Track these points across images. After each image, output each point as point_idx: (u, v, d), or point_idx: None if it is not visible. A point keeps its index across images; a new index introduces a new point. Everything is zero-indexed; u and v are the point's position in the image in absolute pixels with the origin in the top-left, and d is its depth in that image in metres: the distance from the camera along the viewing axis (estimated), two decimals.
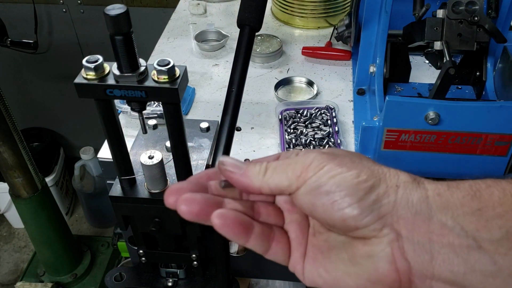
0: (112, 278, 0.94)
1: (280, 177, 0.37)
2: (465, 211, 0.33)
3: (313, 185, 0.36)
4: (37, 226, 1.61)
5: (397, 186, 0.35)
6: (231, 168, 0.40)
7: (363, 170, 0.36)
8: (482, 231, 0.32)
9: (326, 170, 0.36)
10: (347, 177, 0.35)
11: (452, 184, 0.35)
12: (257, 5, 0.65)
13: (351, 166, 0.36)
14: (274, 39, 1.19)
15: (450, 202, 0.34)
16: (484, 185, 0.34)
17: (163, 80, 0.61)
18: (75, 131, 2.39)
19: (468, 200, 0.34)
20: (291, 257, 0.40)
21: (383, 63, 0.92)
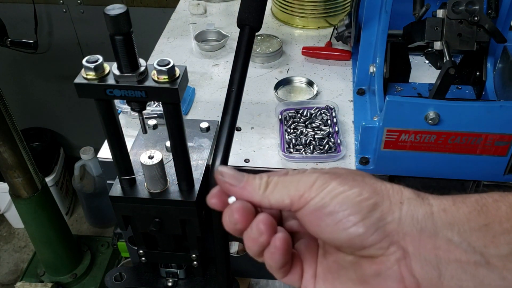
0: (112, 278, 0.94)
1: (281, 194, 0.37)
2: (471, 227, 0.33)
3: (316, 206, 0.36)
4: (37, 226, 1.61)
5: (401, 202, 0.35)
6: (230, 180, 0.39)
7: (365, 187, 0.35)
8: (489, 246, 0.32)
9: (329, 189, 0.35)
10: (350, 195, 0.35)
11: (457, 199, 0.35)
12: (257, 5, 0.65)
13: (353, 184, 0.36)
14: (274, 39, 1.19)
15: (456, 218, 0.34)
16: (491, 200, 0.34)
17: (163, 80, 0.61)
18: (75, 131, 2.39)
19: (474, 216, 0.33)
20: (303, 279, 0.40)
21: (383, 63, 0.92)
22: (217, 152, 0.58)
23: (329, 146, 0.88)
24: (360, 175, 0.37)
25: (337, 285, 0.38)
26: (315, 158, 0.86)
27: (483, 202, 0.34)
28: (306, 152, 0.87)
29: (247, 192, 0.38)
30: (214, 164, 0.58)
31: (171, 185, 0.77)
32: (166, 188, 0.77)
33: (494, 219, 0.33)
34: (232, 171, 0.40)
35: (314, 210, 0.36)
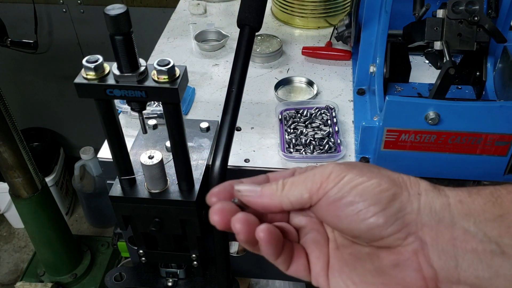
0: (112, 278, 0.94)
1: (300, 189, 0.37)
2: (487, 218, 0.34)
3: (335, 196, 0.36)
4: (37, 226, 1.61)
5: (419, 194, 0.35)
6: (247, 192, 0.39)
7: (384, 178, 0.36)
8: (504, 236, 0.33)
9: (347, 180, 0.36)
10: (369, 186, 0.35)
11: (473, 190, 0.35)
12: (257, 5, 0.65)
13: (371, 175, 0.36)
14: (274, 39, 1.19)
15: (472, 209, 0.34)
16: (505, 192, 0.34)
17: (163, 80, 0.61)
18: (75, 131, 2.39)
19: (489, 207, 0.34)
20: (311, 271, 0.40)
21: (383, 63, 0.92)
22: (217, 152, 0.58)
23: (329, 146, 0.88)
24: (376, 167, 0.37)
25: (354, 277, 0.38)
26: (315, 158, 0.86)
27: (497, 193, 0.34)
28: (306, 152, 0.87)
29: (265, 198, 0.38)
30: (214, 164, 0.58)
31: (171, 185, 0.77)
32: (166, 188, 0.77)
33: (509, 210, 0.33)
34: (247, 186, 0.40)
35: (333, 200, 0.36)
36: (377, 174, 0.36)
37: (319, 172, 0.37)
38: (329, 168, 0.37)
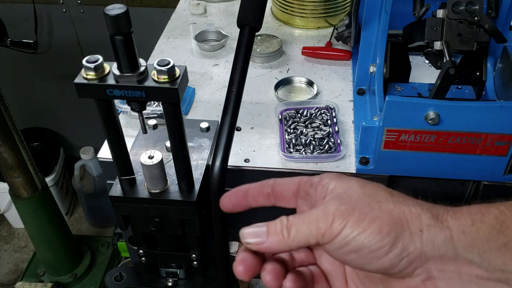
0: (112, 278, 0.94)
1: (305, 235, 0.38)
2: (491, 247, 0.34)
3: (340, 244, 0.37)
4: (37, 226, 1.61)
5: (421, 230, 0.36)
6: (252, 239, 0.40)
7: (384, 219, 0.36)
8: (509, 265, 0.33)
9: (349, 230, 0.36)
10: (371, 234, 0.36)
11: (476, 217, 0.35)
12: (257, 5, 0.65)
13: (371, 218, 0.36)
14: (274, 39, 1.19)
15: (475, 240, 0.34)
16: (511, 215, 0.34)
17: (163, 80, 0.61)
18: (75, 131, 2.39)
19: (494, 235, 0.34)
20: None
21: (383, 63, 0.92)
22: (217, 152, 0.58)
23: (329, 146, 0.88)
24: (376, 201, 0.37)
25: None
26: (315, 158, 0.86)
27: (502, 219, 0.34)
28: (306, 152, 0.87)
29: (274, 245, 0.39)
30: (214, 164, 0.58)
31: (171, 185, 0.77)
32: (166, 188, 0.77)
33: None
34: (251, 228, 0.40)
35: (339, 247, 0.37)
36: (378, 214, 0.36)
37: (321, 218, 0.37)
38: (331, 214, 0.37)
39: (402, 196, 0.38)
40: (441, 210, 0.37)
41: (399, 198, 0.38)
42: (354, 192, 0.39)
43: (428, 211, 0.37)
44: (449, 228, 0.35)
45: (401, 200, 0.37)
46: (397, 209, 0.37)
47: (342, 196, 0.38)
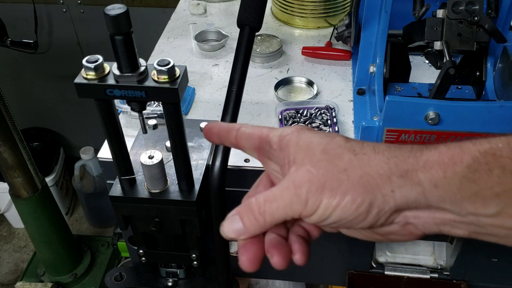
0: (112, 278, 0.94)
1: (282, 217, 0.39)
2: (463, 196, 0.35)
3: (318, 220, 0.38)
4: (37, 226, 1.61)
5: (393, 191, 0.37)
6: (234, 235, 0.41)
7: (356, 191, 0.37)
8: (480, 209, 0.35)
9: (323, 208, 0.37)
10: (345, 206, 0.37)
11: (448, 168, 0.35)
12: (257, 5, 0.65)
13: (343, 192, 0.37)
14: (274, 39, 1.19)
15: (447, 192, 0.35)
16: (484, 163, 0.35)
17: (163, 80, 0.61)
18: (75, 131, 2.39)
19: (466, 186, 0.35)
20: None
21: (383, 63, 0.92)
22: (217, 152, 0.58)
23: None
24: (343, 170, 0.38)
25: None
26: None
27: (475, 167, 0.35)
28: None
29: (254, 231, 0.41)
30: (214, 164, 0.58)
31: (171, 185, 0.77)
32: (166, 188, 0.77)
33: (485, 185, 0.34)
34: (228, 225, 0.42)
35: (317, 221, 0.39)
36: (348, 186, 0.37)
37: (295, 200, 0.38)
38: (303, 194, 0.38)
39: (365, 152, 0.38)
40: (410, 164, 0.37)
41: (363, 157, 0.38)
42: (318, 161, 0.39)
43: (397, 169, 0.37)
44: (420, 184, 0.36)
45: (366, 160, 0.38)
46: (365, 176, 0.37)
47: (309, 170, 0.38)
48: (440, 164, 0.36)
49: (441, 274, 1.02)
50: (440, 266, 1.05)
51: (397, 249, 1.08)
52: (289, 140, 0.41)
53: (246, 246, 0.41)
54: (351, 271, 1.04)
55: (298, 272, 1.07)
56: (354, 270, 1.04)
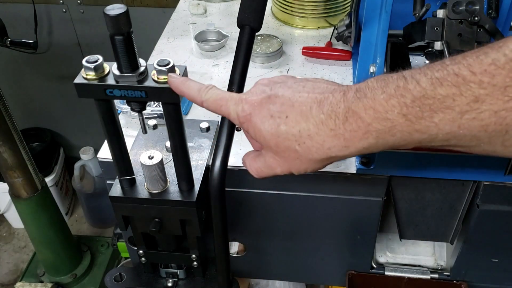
0: (112, 278, 0.94)
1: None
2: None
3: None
4: (37, 226, 1.61)
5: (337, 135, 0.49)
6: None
7: (311, 158, 0.50)
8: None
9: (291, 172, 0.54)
10: (306, 169, 0.53)
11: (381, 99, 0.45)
12: (257, 5, 0.64)
13: (303, 161, 0.51)
14: (274, 39, 1.19)
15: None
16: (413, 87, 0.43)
17: (163, 80, 0.61)
18: (75, 131, 2.39)
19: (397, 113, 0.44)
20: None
21: (383, 63, 0.92)
22: (217, 152, 0.58)
23: None
24: (296, 158, 0.52)
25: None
26: None
27: (400, 92, 0.43)
28: None
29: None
30: (214, 164, 0.57)
31: (171, 185, 0.77)
32: (166, 188, 0.77)
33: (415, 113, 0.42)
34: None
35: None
36: (305, 157, 0.51)
37: (269, 172, 0.56)
38: (279, 171, 0.54)
39: (304, 141, 0.49)
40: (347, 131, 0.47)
41: (303, 146, 0.49)
42: (277, 153, 0.52)
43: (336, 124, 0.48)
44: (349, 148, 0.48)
45: (307, 147, 0.49)
46: (314, 145, 0.49)
47: (274, 157, 0.53)
48: (380, 101, 0.45)
49: (441, 275, 1.02)
50: (440, 267, 1.05)
51: (398, 250, 1.08)
52: (247, 128, 0.54)
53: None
54: (351, 272, 1.04)
55: (298, 272, 1.07)
56: (354, 271, 1.04)
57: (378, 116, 0.44)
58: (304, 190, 0.89)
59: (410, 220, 0.94)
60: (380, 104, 0.44)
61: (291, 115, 0.50)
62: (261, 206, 0.93)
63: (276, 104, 0.51)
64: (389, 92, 0.43)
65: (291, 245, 1.01)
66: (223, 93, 0.56)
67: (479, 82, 0.38)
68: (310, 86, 0.51)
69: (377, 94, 0.44)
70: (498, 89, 0.38)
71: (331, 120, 0.47)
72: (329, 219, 0.95)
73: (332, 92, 0.49)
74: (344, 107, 0.47)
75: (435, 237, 0.97)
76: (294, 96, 0.50)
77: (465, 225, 0.93)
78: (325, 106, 0.48)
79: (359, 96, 0.46)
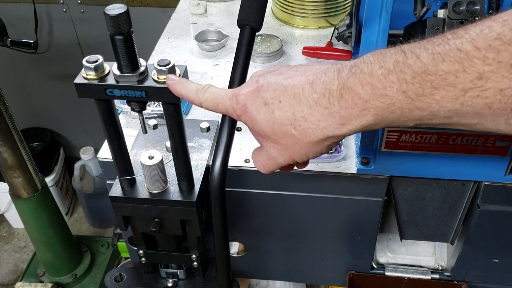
0: (112, 279, 0.93)
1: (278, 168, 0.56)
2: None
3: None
4: (37, 226, 1.61)
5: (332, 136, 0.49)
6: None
7: (310, 142, 0.50)
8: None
9: (299, 161, 0.53)
10: (306, 155, 0.53)
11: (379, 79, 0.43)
12: (257, 5, 0.64)
13: (301, 146, 0.50)
14: (274, 39, 1.18)
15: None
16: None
17: (163, 80, 0.61)
18: (75, 131, 2.39)
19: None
20: None
21: None
22: (217, 152, 0.57)
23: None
24: (295, 143, 0.50)
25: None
26: (315, 159, 0.86)
27: (400, 67, 0.42)
28: None
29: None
30: (215, 164, 0.57)
31: (171, 185, 0.77)
32: (166, 188, 0.77)
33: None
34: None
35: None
36: (303, 142, 0.50)
37: (274, 163, 0.55)
38: (282, 161, 0.54)
39: (299, 124, 0.49)
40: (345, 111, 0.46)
41: (299, 128, 0.49)
42: (275, 141, 0.52)
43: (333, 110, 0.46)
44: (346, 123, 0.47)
45: (303, 130, 0.49)
46: (310, 126, 0.48)
47: (274, 147, 0.52)
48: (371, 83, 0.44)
49: (442, 275, 1.02)
50: (441, 267, 1.05)
51: (398, 250, 1.08)
52: (245, 120, 0.53)
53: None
54: (351, 272, 1.04)
55: (298, 272, 1.07)
56: (354, 271, 1.04)
57: (376, 92, 0.42)
58: (304, 190, 0.89)
59: (411, 220, 0.94)
60: (378, 80, 0.42)
61: (284, 100, 0.49)
62: (261, 206, 0.93)
63: (269, 91, 0.50)
64: (388, 67, 0.42)
65: (291, 245, 1.01)
66: (219, 91, 0.56)
67: (483, 58, 0.36)
68: (302, 70, 0.50)
69: (374, 69, 0.42)
70: (504, 66, 0.36)
71: (325, 98, 0.46)
72: (329, 219, 0.94)
73: (325, 72, 0.48)
74: (338, 84, 0.45)
75: (436, 237, 0.97)
76: (286, 81, 0.49)
77: (465, 225, 0.93)
78: (318, 85, 0.47)
79: (354, 72, 0.44)
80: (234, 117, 0.55)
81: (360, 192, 0.88)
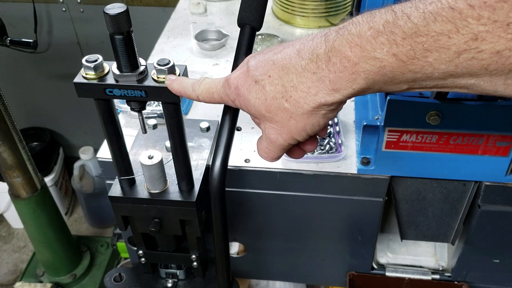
0: (112, 279, 0.93)
1: (284, 150, 0.55)
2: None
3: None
4: (37, 226, 1.61)
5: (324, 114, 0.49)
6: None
7: (302, 120, 0.49)
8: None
9: (301, 139, 0.52)
10: (300, 136, 0.51)
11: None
12: (257, 4, 0.64)
13: (295, 125, 0.50)
14: (274, 38, 1.18)
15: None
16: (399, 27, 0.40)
17: (163, 80, 0.60)
18: (74, 131, 2.38)
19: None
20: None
21: None
22: (217, 152, 0.57)
23: (330, 146, 0.87)
24: (290, 118, 0.49)
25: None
26: (315, 159, 0.86)
27: (390, 29, 0.40)
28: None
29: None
30: (214, 164, 0.57)
31: (170, 185, 0.77)
32: (165, 188, 0.76)
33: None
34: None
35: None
36: (296, 122, 0.49)
37: (275, 148, 0.53)
38: (282, 140, 0.51)
39: (291, 95, 0.47)
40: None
41: (290, 100, 0.47)
42: (271, 118, 0.50)
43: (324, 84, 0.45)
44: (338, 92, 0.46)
45: (295, 102, 0.47)
46: (301, 95, 0.47)
47: (272, 126, 0.51)
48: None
49: (442, 275, 1.02)
50: (441, 267, 1.04)
51: (399, 250, 1.08)
52: (239, 104, 0.52)
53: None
54: (352, 272, 1.03)
55: (299, 273, 1.07)
56: (355, 271, 1.04)
57: (365, 54, 0.40)
58: (304, 190, 0.89)
59: (411, 220, 0.94)
60: (367, 41, 0.40)
61: (273, 73, 0.48)
62: (261, 206, 0.92)
63: (258, 69, 0.49)
64: (377, 27, 0.39)
65: (292, 246, 1.00)
66: (213, 80, 0.55)
67: (477, 17, 0.34)
68: (291, 42, 0.49)
69: (363, 30, 0.40)
70: (500, 25, 0.33)
71: (313, 63, 0.45)
72: (329, 220, 0.94)
73: (313, 38, 0.46)
74: (325, 47, 0.44)
75: (436, 238, 0.96)
76: (275, 56, 0.48)
77: (466, 225, 0.93)
78: (305, 52, 0.46)
79: (342, 33, 0.42)
80: (230, 104, 0.54)
81: (360, 192, 0.88)
